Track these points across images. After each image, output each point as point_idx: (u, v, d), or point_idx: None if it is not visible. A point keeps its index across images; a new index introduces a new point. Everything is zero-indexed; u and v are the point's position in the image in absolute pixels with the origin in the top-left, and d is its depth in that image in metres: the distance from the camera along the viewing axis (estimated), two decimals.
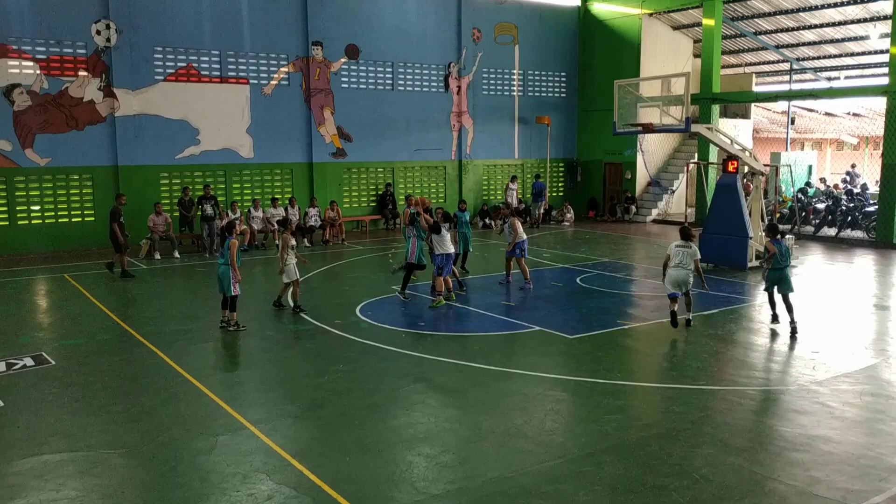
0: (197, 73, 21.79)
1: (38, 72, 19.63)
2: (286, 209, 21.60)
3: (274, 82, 23.06)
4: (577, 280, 15.81)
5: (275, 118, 23.05)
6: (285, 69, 23.21)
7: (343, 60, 24.13)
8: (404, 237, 15.08)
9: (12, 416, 8.03)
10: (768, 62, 30.90)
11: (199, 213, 20.05)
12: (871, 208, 22.15)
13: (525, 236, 15.06)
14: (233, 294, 11.61)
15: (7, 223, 19.67)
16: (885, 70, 21.79)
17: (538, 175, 27.77)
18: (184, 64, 21.55)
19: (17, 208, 19.79)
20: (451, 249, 13.80)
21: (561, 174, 29.85)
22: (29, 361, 10.03)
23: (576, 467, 6.67)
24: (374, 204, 25.43)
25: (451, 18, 26.14)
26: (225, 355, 10.69)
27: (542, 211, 26.84)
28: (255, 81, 22.72)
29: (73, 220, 20.57)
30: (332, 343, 11.05)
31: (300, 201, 22.66)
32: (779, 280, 11.36)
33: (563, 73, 29.13)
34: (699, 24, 26.17)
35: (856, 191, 25.13)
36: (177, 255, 19.22)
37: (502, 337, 11.43)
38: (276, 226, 20.91)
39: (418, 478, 6.50)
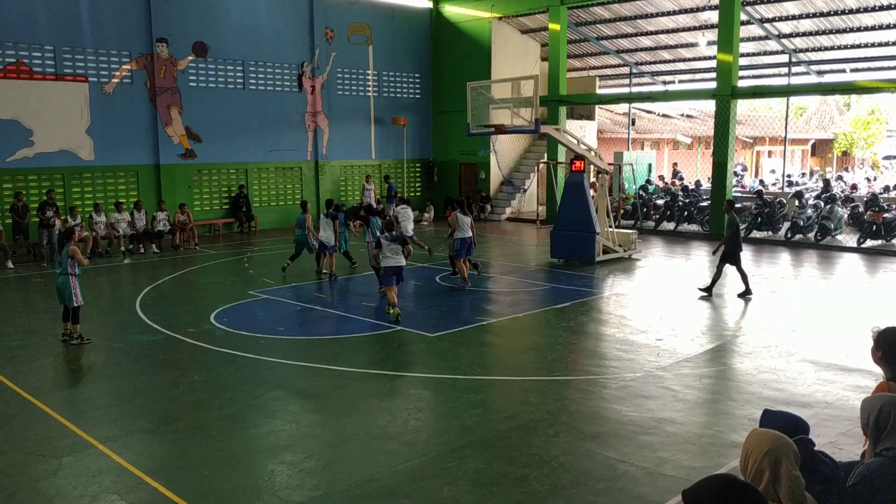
0: (28, 70, 20.28)
1: None
2: (132, 213, 20.49)
3: (115, 80, 21.84)
4: (437, 279, 16.02)
5: (117, 118, 21.83)
6: (127, 67, 22.04)
7: (190, 58, 23.22)
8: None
9: None
10: (610, 66, 32.54)
11: (37, 219, 18.64)
12: (705, 203, 23.82)
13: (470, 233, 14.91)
14: (75, 305, 10.90)
15: None
16: (714, 75, 23.49)
17: (388, 176, 27.85)
18: (13, 59, 19.99)
19: None
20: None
21: (418, 174, 30.13)
22: None
23: (439, 464, 6.76)
24: (227, 206, 24.65)
25: (304, 17, 25.77)
26: (68, 371, 10.03)
27: (392, 213, 26.94)
28: (95, 79, 21.43)
29: None
30: (185, 353, 10.62)
31: (147, 205, 21.54)
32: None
33: (417, 75, 29.40)
34: (546, 29, 27.16)
35: (690, 187, 26.93)
36: (10, 265, 17.81)
37: (364, 338, 11.40)
38: (121, 231, 19.86)
39: (281, 486, 6.37)
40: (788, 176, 33.06)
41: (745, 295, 13.86)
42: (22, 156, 20.29)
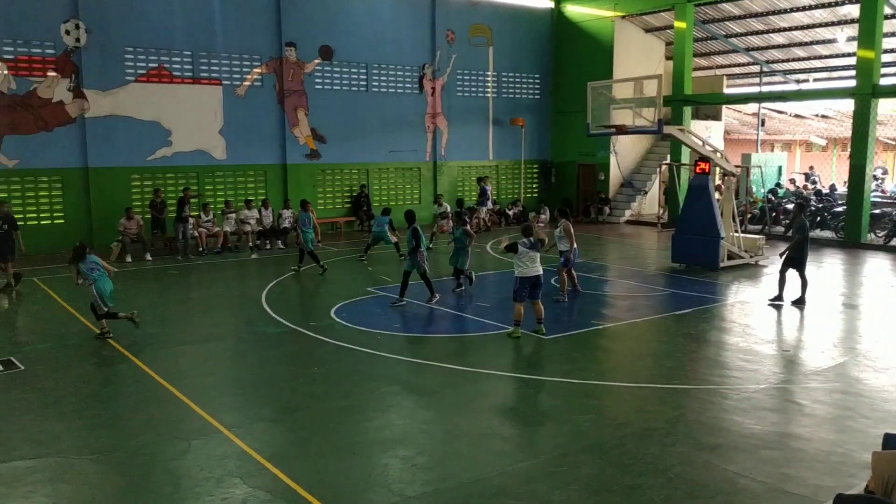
0: (169, 74, 21.57)
1: (6, 72, 19.31)
2: (259, 211, 21.44)
3: (247, 83, 22.89)
4: (552, 281, 15.87)
5: (248, 119, 22.87)
6: (258, 70, 23.05)
7: (317, 61, 24.03)
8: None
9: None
10: (739, 65, 31.26)
11: (174, 214, 19.82)
12: (840, 209, 22.49)
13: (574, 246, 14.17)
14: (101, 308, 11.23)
15: None
16: (853, 73, 22.15)
17: (481, 178, 27.62)
18: (155, 64, 21.32)
19: None
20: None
21: (535, 175, 29.97)
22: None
23: (550, 467, 6.70)
24: (348, 205, 25.34)
25: (426, 20, 26.14)
26: (198, 359, 10.57)
27: (486, 215, 26.83)
28: (228, 82, 22.53)
29: (42, 222, 20.24)
30: (306, 345, 10.99)
31: (274, 203, 22.47)
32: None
33: (536, 75, 29.25)
34: (671, 27, 26.41)
35: (824, 191, 25.50)
36: (148, 257, 19.00)
37: (478, 338, 11.45)
38: (250, 227, 20.80)
39: (394, 480, 6.49)
40: None
41: (800, 304, 13.18)
42: (161, 155, 21.61)
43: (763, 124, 33.40)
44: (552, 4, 29.11)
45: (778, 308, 13.16)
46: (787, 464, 6.74)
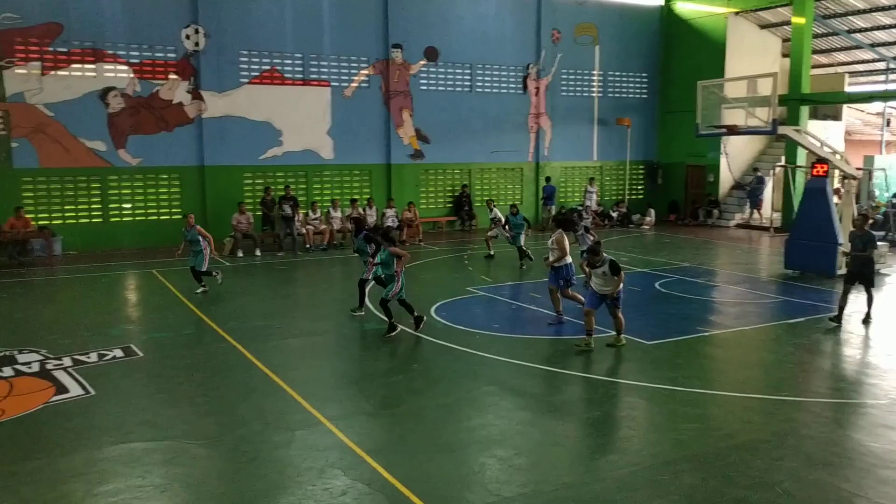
0: (280, 76, 22.33)
1: (132, 75, 20.49)
2: (363, 209, 21.91)
3: (354, 84, 23.42)
4: (656, 285, 15.50)
5: (355, 120, 23.40)
6: (365, 71, 23.54)
7: (422, 62, 24.32)
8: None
9: (103, 405, 8.39)
10: (862, 61, 29.60)
11: (280, 212, 20.57)
12: None
13: (569, 260, 12.16)
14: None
15: (101, 220, 20.59)
16: None
17: (549, 177, 27.13)
18: (268, 67, 22.12)
19: (110, 206, 20.69)
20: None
21: (641, 176, 29.32)
22: (119, 353, 10.47)
23: (651, 475, 6.54)
24: (450, 205, 25.53)
25: (531, 20, 26.02)
26: (303, 351, 10.87)
27: (551, 214, 26.44)
28: (337, 84, 23.12)
29: (162, 217, 21.36)
30: (406, 342, 11.14)
31: (378, 202, 22.94)
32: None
33: (644, 74, 28.62)
34: (788, 23, 25.30)
35: None
36: (258, 253, 19.75)
37: (577, 341, 11.28)
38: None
39: (491, 479, 6.49)
40: None
41: (867, 321, 12.13)
42: (272, 154, 22.40)
43: (888, 124, 31.52)
44: (662, 2, 28.41)
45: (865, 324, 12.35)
46: None
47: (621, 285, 10.49)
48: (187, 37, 20.93)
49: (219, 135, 21.49)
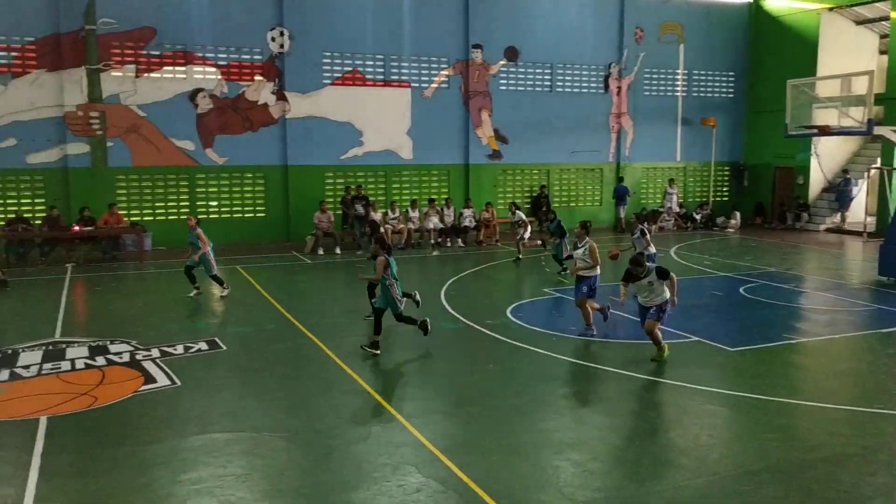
0: (362, 77, 22.66)
1: (220, 77, 21.15)
2: (441, 209, 22.03)
3: (434, 85, 23.56)
4: (741, 290, 15.04)
5: (434, 120, 23.54)
6: (445, 72, 23.66)
7: (502, 63, 24.27)
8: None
9: (188, 396, 8.69)
10: None
11: (354, 211, 20.90)
12: None
13: (598, 271, 11.63)
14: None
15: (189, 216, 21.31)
16: None
17: (622, 178, 26.45)
18: (350, 68, 22.48)
19: (197, 203, 21.42)
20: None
21: (726, 178, 28.51)
22: (203, 346, 10.81)
23: (731, 486, 6.34)
24: (528, 206, 25.38)
25: (613, 18, 25.63)
26: (382, 347, 10.98)
27: (622, 216, 25.88)
28: (416, 84, 23.31)
29: (246, 215, 21.99)
30: (482, 342, 11.14)
31: (456, 202, 23.01)
32: None
33: (730, 73, 27.82)
34: (886, 18, 24.15)
35: None
36: (338, 251, 20.09)
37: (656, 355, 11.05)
38: (432, 226, 21.41)
39: (565, 483, 6.42)
40: None
41: None
42: (353, 154, 22.77)
43: None
44: None
45: None
46: None
47: (674, 290, 9.85)
48: (272, 39, 21.47)
49: (302, 135, 21.96)
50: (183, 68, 20.79)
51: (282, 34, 21.47)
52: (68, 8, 19.32)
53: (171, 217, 21.16)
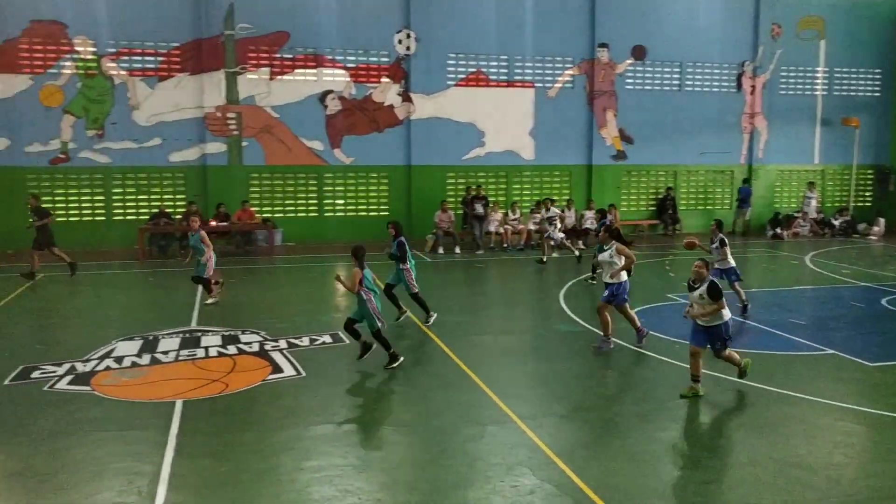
0: (486, 78, 22.77)
1: (348, 79, 21.81)
2: (563, 210, 21.80)
3: (558, 85, 23.36)
4: (883, 301, 14.07)
5: (557, 121, 23.34)
6: (570, 72, 23.41)
7: (629, 62, 23.77)
8: None
9: (311, 386, 9.00)
10: None
11: (472, 211, 21.02)
12: None
13: (624, 277, 10.65)
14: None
15: (316, 214, 22.14)
16: None
17: (746, 179, 24.96)
18: (473, 69, 22.64)
19: (325, 202, 22.18)
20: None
21: (869, 182, 26.76)
22: (327, 339, 11.17)
23: None
24: (653, 208, 24.76)
25: (748, 15, 24.56)
26: (496, 349, 11.00)
27: (746, 218, 24.43)
28: (540, 84, 23.19)
29: (370, 214, 22.56)
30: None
31: (577, 203, 22.72)
32: None
33: (877, 70, 26.06)
34: None
35: None
36: (458, 250, 20.26)
37: (788, 357, 10.51)
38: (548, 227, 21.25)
39: (685, 495, 6.21)
40: None
41: None
42: (474, 154, 22.92)
43: None
44: None
45: None
46: None
47: (724, 315, 8.55)
48: (399, 41, 21.92)
49: (425, 135, 22.31)
50: (314, 71, 21.57)
51: (408, 36, 21.88)
52: (210, 15, 20.46)
53: (299, 214, 22.03)
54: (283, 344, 10.80)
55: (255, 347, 10.64)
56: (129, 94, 20.50)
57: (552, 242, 18.77)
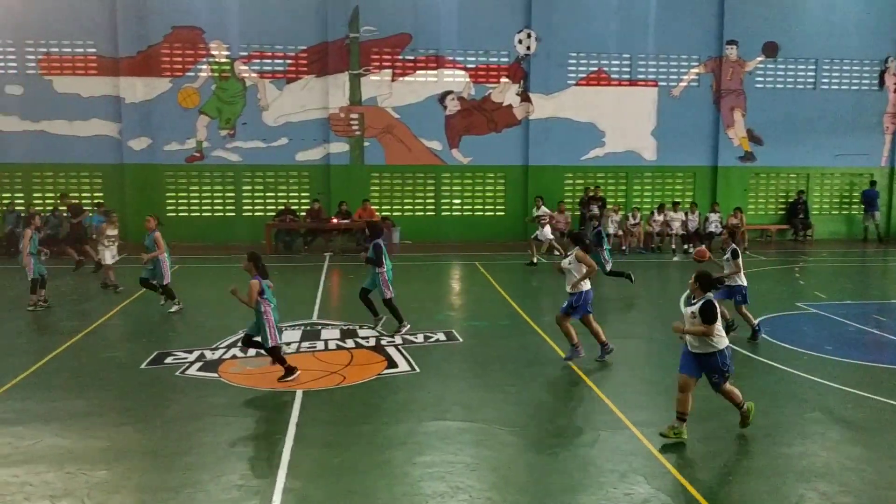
0: (607, 77, 22.37)
1: (468, 80, 21.95)
2: (686, 214, 21.14)
3: (683, 84, 22.66)
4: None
5: (681, 120, 22.63)
6: (696, 70, 22.66)
7: (759, 59, 22.75)
8: None
9: (425, 382, 9.13)
10: None
11: (588, 212, 20.70)
12: None
13: (587, 286, 9.89)
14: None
15: (433, 213, 22.42)
16: None
17: (874, 181, 23.03)
18: (595, 68, 22.29)
19: (441, 201, 22.43)
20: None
21: None
22: (441, 336, 11.30)
23: None
24: (782, 212, 23.60)
25: (891, 5, 22.97)
26: (613, 354, 10.75)
27: (877, 223, 22.51)
28: (664, 83, 22.56)
29: (486, 214, 22.64)
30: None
31: (701, 207, 21.94)
32: None
33: None
34: None
35: None
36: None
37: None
38: (672, 230, 20.65)
39: None
40: None
41: None
42: (594, 155, 22.57)
43: None
44: None
45: None
46: None
47: (717, 343, 7.22)
48: (520, 41, 21.87)
49: (543, 136, 22.16)
50: (434, 72, 21.86)
51: (529, 36, 21.80)
52: (336, 18, 21.10)
53: (417, 213, 22.38)
54: (398, 340, 11.02)
55: (372, 342, 10.89)
56: (259, 96, 21.43)
57: (539, 242, 18.51)
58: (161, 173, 21.34)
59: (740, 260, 11.21)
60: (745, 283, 11.18)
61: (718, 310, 7.28)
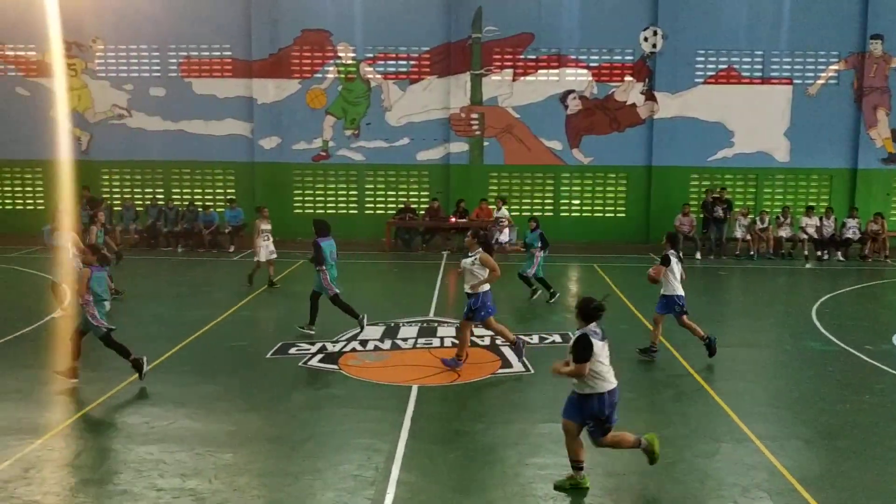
0: (737, 75, 21.49)
1: (590, 78, 21.64)
2: (821, 219, 20.00)
3: (821, 82, 21.45)
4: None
5: (817, 120, 21.42)
6: (835, 67, 21.39)
7: None
8: None
9: (539, 384, 9.07)
10: None
11: (712, 215, 19.92)
12: None
13: (486, 288, 9.56)
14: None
15: (552, 213, 22.22)
16: None
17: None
18: (724, 66, 21.46)
19: (561, 201, 22.22)
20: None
21: None
22: (557, 338, 11.21)
23: None
24: None
25: None
26: (737, 363, 10.33)
27: None
28: (800, 81, 21.44)
29: (606, 214, 22.24)
30: (858, 369, 9.91)
31: (838, 211, 20.64)
32: None
33: None
34: None
35: None
36: (698, 256, 19.35)
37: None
38: (806, 235, 19.60)
39: None
40: None
41: None
42: (721, 156, 21.72)
43: None
44: None
45: None
46: None
47: (598, 385, 6.23)
48: (645, 39, 21.34)
49: (668, 135, 21.53)
50: (556, 71, 21.67)
51: (655, 34, 21.23)
52: (459, 19, 21.30)
53: (535, 213, 22.20)
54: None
55: (486, 341, 10.91)
56: (383, 97, 21.92)
57: (505, 248, 17.91)
58: (289, 171, 22.22)
59: (675, 268, 10.24)
60: (681, 293, 10.17)
61: (600, 346, 6.29)
